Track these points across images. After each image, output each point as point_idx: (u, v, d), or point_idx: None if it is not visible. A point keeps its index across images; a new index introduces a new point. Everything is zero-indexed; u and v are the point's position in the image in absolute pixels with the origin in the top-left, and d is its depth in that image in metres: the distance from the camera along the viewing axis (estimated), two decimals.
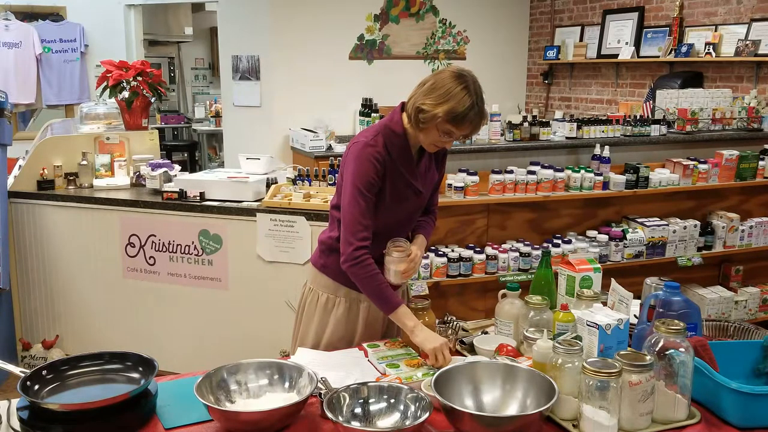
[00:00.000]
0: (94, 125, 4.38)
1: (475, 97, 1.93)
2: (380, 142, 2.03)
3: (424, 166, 2.14)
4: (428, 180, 2.17)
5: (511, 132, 3.80)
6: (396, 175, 2.05)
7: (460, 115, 1.91)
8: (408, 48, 6.89)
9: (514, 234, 3.80)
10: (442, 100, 1.92)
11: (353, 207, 2.01)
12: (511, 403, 1.59)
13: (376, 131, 2.07)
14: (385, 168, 2.02)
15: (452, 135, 1.98)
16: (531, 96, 7.58)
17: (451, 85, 1.93)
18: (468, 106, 1.91)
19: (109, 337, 3.80)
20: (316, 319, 2.22)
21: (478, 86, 1.96)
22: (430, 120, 1.94)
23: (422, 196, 2.16)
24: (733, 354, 1.79)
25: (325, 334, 2.20)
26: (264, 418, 1.52)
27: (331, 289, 2.21)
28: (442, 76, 1.95)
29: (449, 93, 1.92)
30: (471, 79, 1.95)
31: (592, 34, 6.69)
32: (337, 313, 2.20)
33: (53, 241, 3.85)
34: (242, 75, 6.24)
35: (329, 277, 2.20)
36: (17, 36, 6.81)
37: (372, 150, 2.02)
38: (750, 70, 5.18)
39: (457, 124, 1.94)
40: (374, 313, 2.19)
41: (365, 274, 2.01)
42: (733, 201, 4.24)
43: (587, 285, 2.07)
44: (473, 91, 1.93)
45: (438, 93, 1.93)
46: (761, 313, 4.28)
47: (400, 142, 2.05)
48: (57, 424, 1.50)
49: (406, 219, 2.18)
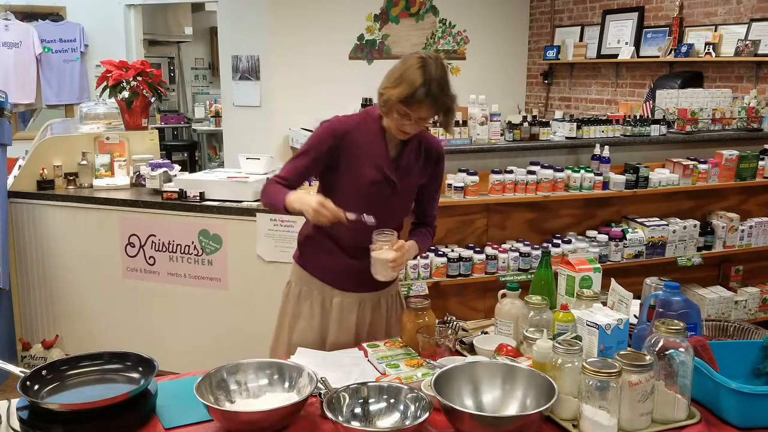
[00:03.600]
0: (94, 125, 4.38)
1: (428, 78, 1.91)
2: (351, 121, 2.10)
3: (406, 160, 2.11)
4: (410, 178, 2.13)
5: (510, 132, 3.80)
6: (360, 154, 2.06)
7: (410, 95, 1.91)
8: (408, 48, 6.88)
9: (513, 234, 3.80)
10: (397, 83, 1.94)
11: (292, 159, 2.12)
12: (510, 403, 1.59)
13: (358, 113, 2.13)
14: (343, 142, 2.05)
15: (408, 117, 1.96)
16: (531, 96, 7.58)
17: (407, 68, 1.94)
18: (417, 86, 1.90)
19: (109, 337, 3.80)
20: (290, 311, 2.24)
21: (439, 69, 1.95)
22: (386, 103, 1.97)
23: (400, 193, 2.12)
24: (733, 354, 1.79)
25: (297, 326, 2.21)
26: (264, 418, 1.52)
27: (304, 281, 2.23)
28: (403, 60, 1.98)
29: (403, 75, 1.94)
30: (432, 62, 1.95)
31: (592, 34, 6.69)
32: (309, 306, 2.20)
33: (53, 241, 3.85)
34: (242, 75, 6.24)
35: (303, 269, 2.23)
36: (17, 36, 6.81)
37: (335, 122, 2.09)
38: (750, 70, 5.18)
39: (408, 105, 1.94)
40: (347, 309, 2.19)
41: (265, 191, 2.07)
42: (733, 201, 4.24)
43: (587, 285, 2.07)
44: (428, 73, 1.92)
45: (394, 76, 1.96)
46: (761, 313, 4.28)
47: (374, 126, 2.08)
48: (57, 424, 1.49)
49: (383, 211, 2.06)
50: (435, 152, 2.19)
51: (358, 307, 2.21)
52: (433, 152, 2.18)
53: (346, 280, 2.19)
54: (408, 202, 2.22)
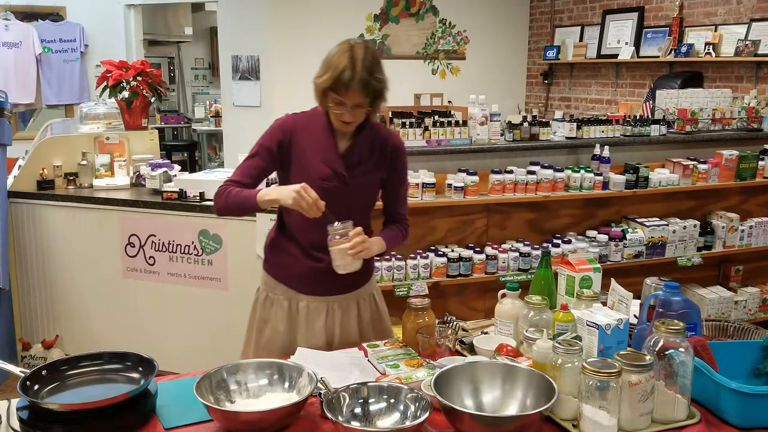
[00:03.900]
0: (93, 125, 4.38)
1: (354, 62, 1.90)
2: (301, 117, 2.11)
3: (357, 155, 2.08)
4: (363, 173, 2.09)
5: (510, 132, 3.80)
6: (309, 149, 2.06)
7: (336, 80, 1.91)
8: (408, 48, 6.89)
9: (513, 234, 3.80)
10: (324, 70, 1.95)
11: (243, 161, 2.11)
12: (510, 403, 1.59)
13: (310, 109, 2.13)
14: (292, 138, 2.06)
15: (343, 105, 1.95)
16: (531, 96, 7.58)
17: (333, 54, 1.94)
18: (342, 70, 1.89)
19: (108, 337, 3.80)
20: (257, 317, 2.22)
21: (366, 53, 1.94)
22: (318, 93, 1.98)
23: (354, 188, 2.08)
24: (733, 354, 1.79)
25: (265, 332, 2.19)
26: (264, 418, 1.52)
27: (270, 286, 2.21)
28: (332, 49, 1.97)
29: (329, 62, 1.94)
30: (358, 47, 1.94)
31: (592, 34, 6.70)
32: (276, 311, 2.18)
33: (53, 241, 3.85)
34: (242, 75, 6.24)
35: (268, 274, 2.22)
36: (17, 36, 6.80)
37: (285, 119, 2.11)
38: (750, 70, 5.18)
39: (338, 91, 1.93)
40: (314, 313, 2.16)
41: (224, 195, 2.03)
42: (733, 201, 4.24)
43: (587, 285, 2.07)
44: (354, 57, 1.91)
45: (323, 65, 1.97)
46: (761, 313, 4.28)
47: (322, 121, 2.08)
48: (57, 424, 1.49)
49: (340, 208, 2.01)
50: (391, 146, 2.14)
51: (325, 312, 2.16)
52: (388, 146, 2.13)
53: (311, 284, 2.15)
54: (368, 199, 2.17)
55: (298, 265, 2.14)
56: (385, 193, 2.22)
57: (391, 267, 3.39)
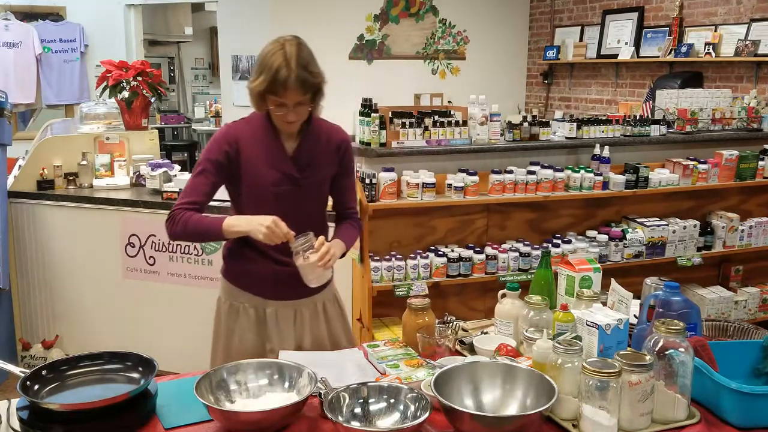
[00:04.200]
0: (93, 125, 4.38)
1: (287, 59, 1.85)
2: (241, 124, 2.04)
3: (305, 154, 2.04)
4: (315, 171, 2.05)
5: (510, 132, 3.79)
6: (257, 156, 2.00)
7: (273, 81, 1.85)
8: (408, 48, 6.89)
9: (513, 234, 3.80)
10: (259, 73, 1.89)
11: (191, 179, 2.03)
12: (511, 403, 1.59)
13: (249, 116, 2.07)
14: (238, 146, 1.99)
15: (285, 106, 1.90)
16: (531, 96, 7.58)
17: (265, 56, 1.89)
18: (275, 70, 1.84)
19: (108, 337, 3.80)
20: (223, 328, 2.16)
21: (300, 49, 1.90)
22: (256, 97, 1.93)
23: (307, 188, 2.05)
24: (733, 354, 1.80)
25: (233, 342, 2.13)
26: (264, 418, 1.52)
27: (234, 295, 2.14)
28: (262, 51, 1.92)
29: (263, 64, 1.89)
30: (289, 44, 1.89)
31: (591, 34, 6.70)
32: (242, 319, 2.12)
33: (53, 241, 3.85)
34: (242, 75, 6.25)
35: (230, 283, 2.15)
36: (17, 36, 6.81)
37: (226, 130, 2.04)
38: (750, 70, 5.18)
39: (276, 93, 1.88)
40: (282, 318, 2.12)
41: (181, 221, 1.97)
42: (733, 201, 4.24)
43: (587, 285, 2.07)
44: (286, 54, 1.86)
45: (256, 68, 1.92)
46: (761, 313, 4.28)
47: (265, 126, 2.02)
48: (57, 424, 1.50)
49: (295, 211, 2.02)
50: (337, 140, 2.11)
51: (294, 316, 2.13)
52: (334, 140, 2.10)
53: (276, 289, 2.10)
54: (321, 197, 2.13)
55: (263, 271, 2.07)
56: (334, 189, 2.16)
57: (391, 267, 3.39)
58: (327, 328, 2.19)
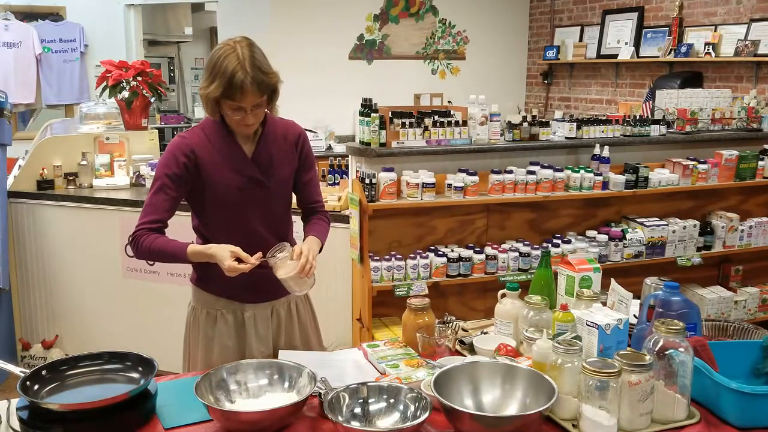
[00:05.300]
0: (93, 125, 4.38)
1: (241, 61, 1.81)
2: (196, 133, 1.98)
3: (265, 154, 2.01)
4: (278, 170, 2.03)
5: (510, 132, 3.79)
6: (217, 163, 1.95)
7: (227, 86, 1.80)
8: (408, 48, 6.89)
9: (513, 234, 3.80)
10: (212, 79, 1.84)
11: (151, 196, 1.97)
12: (510, 403, 1.59)
13: (200, 124, 2.02)
14: (196, 156, 1.94)
15: (242, 109, 1.86)
16: (531, 96, 7.58)
17: (216, 60, 1.83)
18: (230, 74, 1.80)
19: (108, 337, 3.80)
20: (201, 337, 2.12)
21: (252, 50, 1.85)
22: (210, 103, 1.88)
23: (274, 189, 2.03)
24: (733, 354, 1.80)
25: (213, 350, 2.10)
26: (264, 418, 1.52)
27: (210, 302, 2.11)
28: (211, 55, 1.87)
29: (215, 69, 1.83)
30: (240, 45, 1.84)
31: (591, 34, 6.70)
32: (220, 326, 2.10)
33: (53, 241, 3.85)
34: None
35: (205, 291, 2.12)
36: (17, 36, 6.80)
37: (180, 141, 1.96)
38: (749, 70, 5.18)
39: (233, 97, 1.83)
40: (261, 320, 2.11)
41: (144, 245, 1.93)
42: (733, 201, 4.24)
43: (587, 285, 2.07)
44: (239, 57, 1.81)
45: (208, 74, 1.86)
46: (761, 313, 4.28)
47: (221, 131, 1.97)
48: (57, 424, 1.50)
49: (264, 213, 2.02)
50: (293, 135, 2.08)
51: (271, 316, 2.13)
52: (291, 136, 2.07)
53: (253, 292, 2.08)
54: (286, 196, 2.10)
55: (239, 277, 1.95)
56: (297, 186, 2.13)
57: (391, 267, 3.39)
58: (299, 328, 2.20)
